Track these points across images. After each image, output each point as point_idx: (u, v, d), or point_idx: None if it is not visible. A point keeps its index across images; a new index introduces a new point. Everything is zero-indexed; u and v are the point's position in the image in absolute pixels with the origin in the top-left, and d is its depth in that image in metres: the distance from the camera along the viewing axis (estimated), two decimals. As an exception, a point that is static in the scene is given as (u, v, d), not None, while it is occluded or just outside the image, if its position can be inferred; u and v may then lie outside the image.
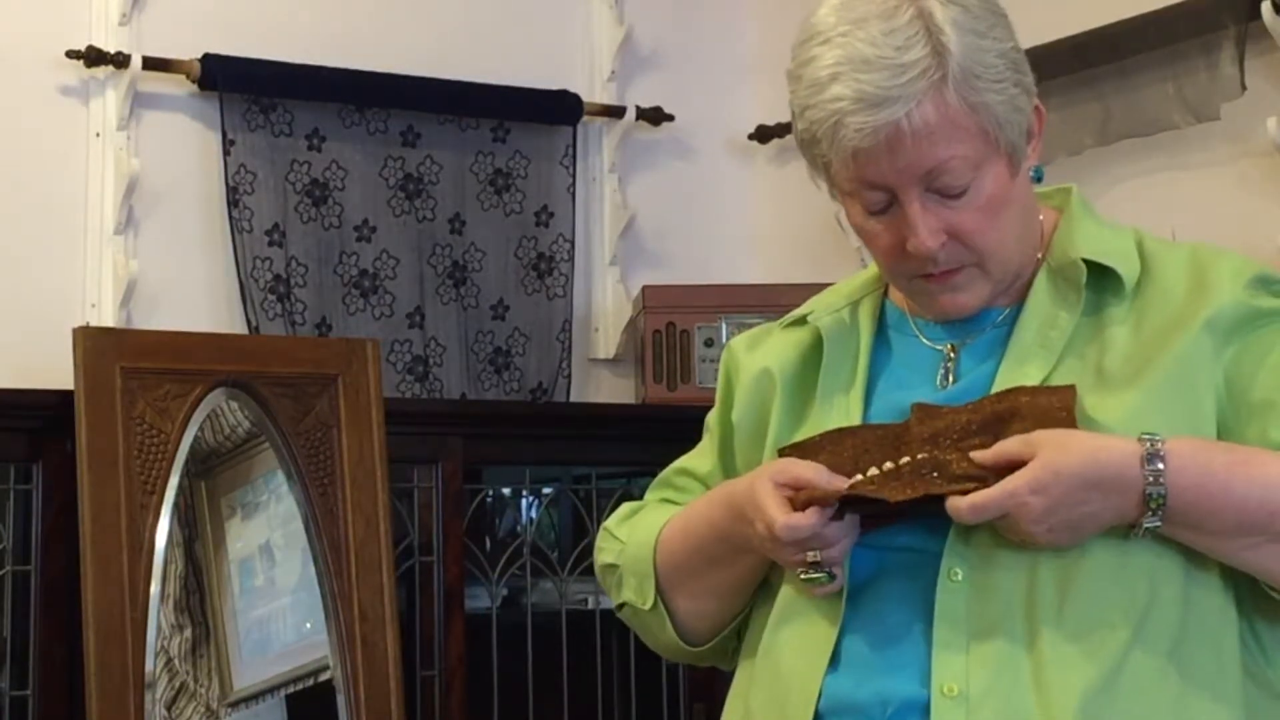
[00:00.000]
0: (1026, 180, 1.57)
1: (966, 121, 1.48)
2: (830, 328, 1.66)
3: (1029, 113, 1.54)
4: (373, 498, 3.15)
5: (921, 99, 1.46)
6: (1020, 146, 1.53)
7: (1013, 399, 1.49)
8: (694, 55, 4.09)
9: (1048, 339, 1.53)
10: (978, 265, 1.55)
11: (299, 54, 3.59)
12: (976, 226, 1.52)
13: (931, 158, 1.49)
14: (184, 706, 3.07)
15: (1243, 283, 1.52)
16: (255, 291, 3.52)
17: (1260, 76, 3.01)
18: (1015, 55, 1.53)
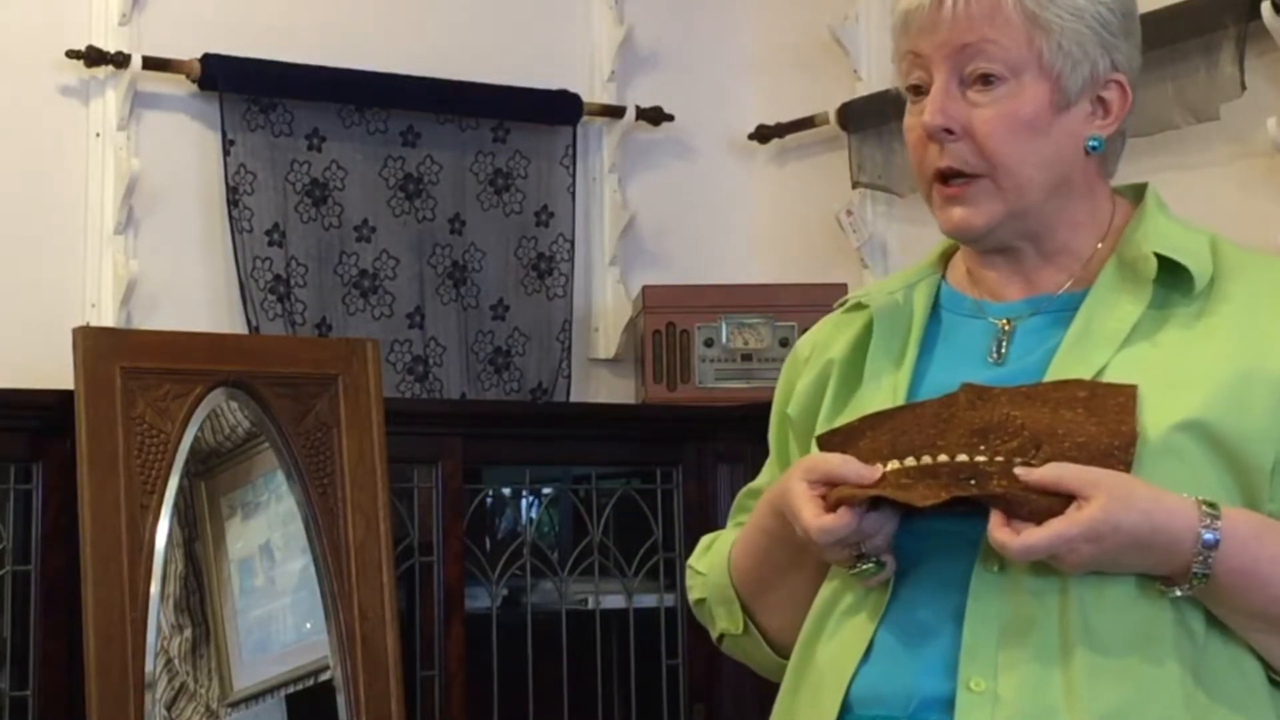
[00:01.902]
0: (1074, 137, 1.56)
1: (1017, 22, 1.51)
2: (882, 308, 1.66)
3: (1100, 69, 1.55)
4: (373, 498, 3.15)
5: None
6: (1071, 87, 1.54)
7: (1070, 390, 1.46)
8: (694, 55, 4.09)
9: (1110, 328, 1.51)
10: (990, 177, 1.54)
11: (299, 54, 3.59)
12: (993, 130, 1.53)
13: (969, 32, 1.52)
14: (184, 707, 3.06)
15: None
16: (255, 291, 3.52)
17: (1260, 76, 3.01)
18: (1108, 15, 1.54)
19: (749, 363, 3.67)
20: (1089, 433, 1.43)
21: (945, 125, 1.53)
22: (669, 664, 3.53)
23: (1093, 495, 1.39)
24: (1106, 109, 1.57)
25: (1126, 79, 1.57)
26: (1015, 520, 1.40)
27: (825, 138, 3.89)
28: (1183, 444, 1.44)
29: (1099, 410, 1.44)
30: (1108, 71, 1.55)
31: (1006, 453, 1.44)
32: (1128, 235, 1.58)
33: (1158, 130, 3.16)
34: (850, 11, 3.85)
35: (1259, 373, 1.46)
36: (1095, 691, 1.39)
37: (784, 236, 4.05)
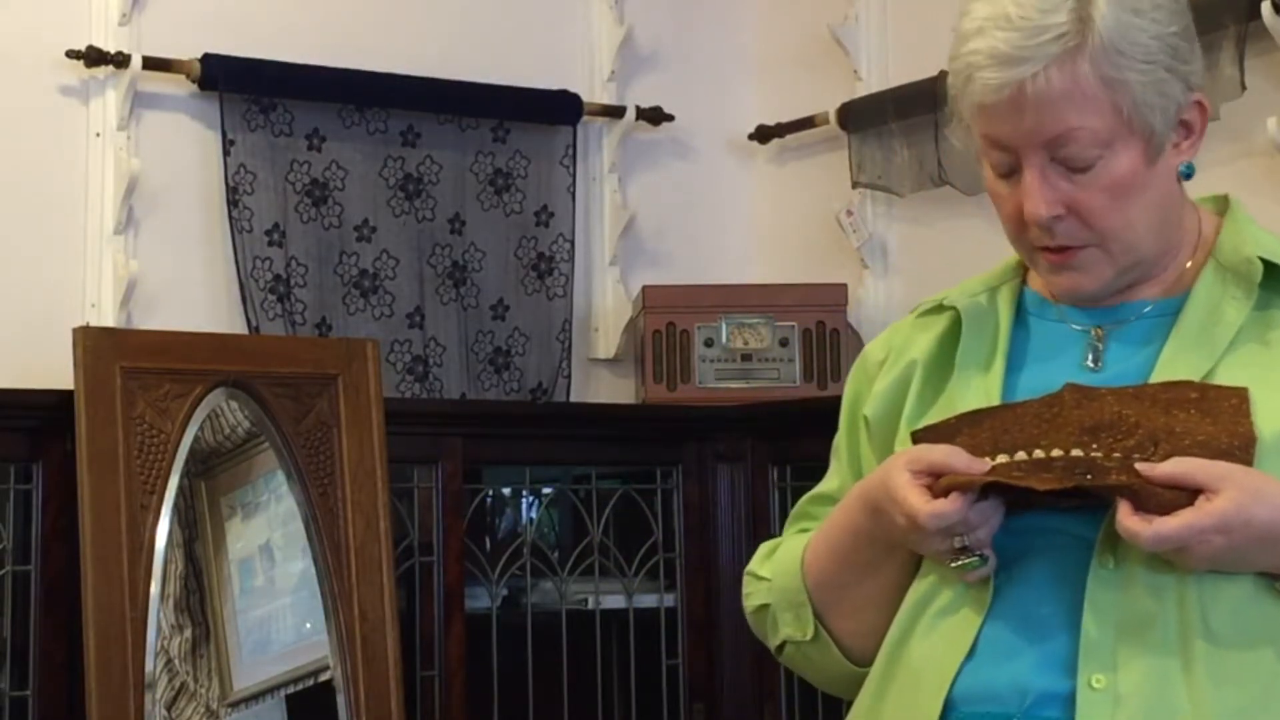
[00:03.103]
0: (1169, 172, 1.53)
1: (1098, 95, 1.46)
2: (968, 309, 1.63)
3: (1181, 101, 1.50)
4: (373, 498, 3.15)
5: (1051, 63, 1.45)
6: (1162, 133, 1.49)
7: (1181, 391, 1.45)
8: (694, 55, 4.09)
9: (1213, 333, 1.49)
10: (1099, 246, 1.52)
11: (299, 54, 3.59)
12: (1099, 206, 1.50)
13: (1057, 124, 1.47)
14: (184, 707, 3.06)
15: None
16: (255, 291, 3.52)
17: (1260, 76, 3.01)
18: (1175, 41, 1.48)
19: (749, 363, 3.67)
20: (1207, 431, 1.41)
21: (1055, 215, 1.50)
22: (669, 664, 3.53)
23: (1222, 489, 1.37)
24: (1190, 130, 1.53)
25: (1202, 93, 1.53)
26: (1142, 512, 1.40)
27: (825, 138, 3.89)
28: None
29: (1212, 411, 1.42)
30: (1186, 97, 1.51)
31: (1124, 450, 1.42)
32: (1223, 241, 1.56)
33: (1158, 130, 3.16)
34: (850, 11, 3.84)
35: None
36: (1219, 692, 1.38)
37: (784, 236, 4.05)
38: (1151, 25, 1.47)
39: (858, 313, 3.76)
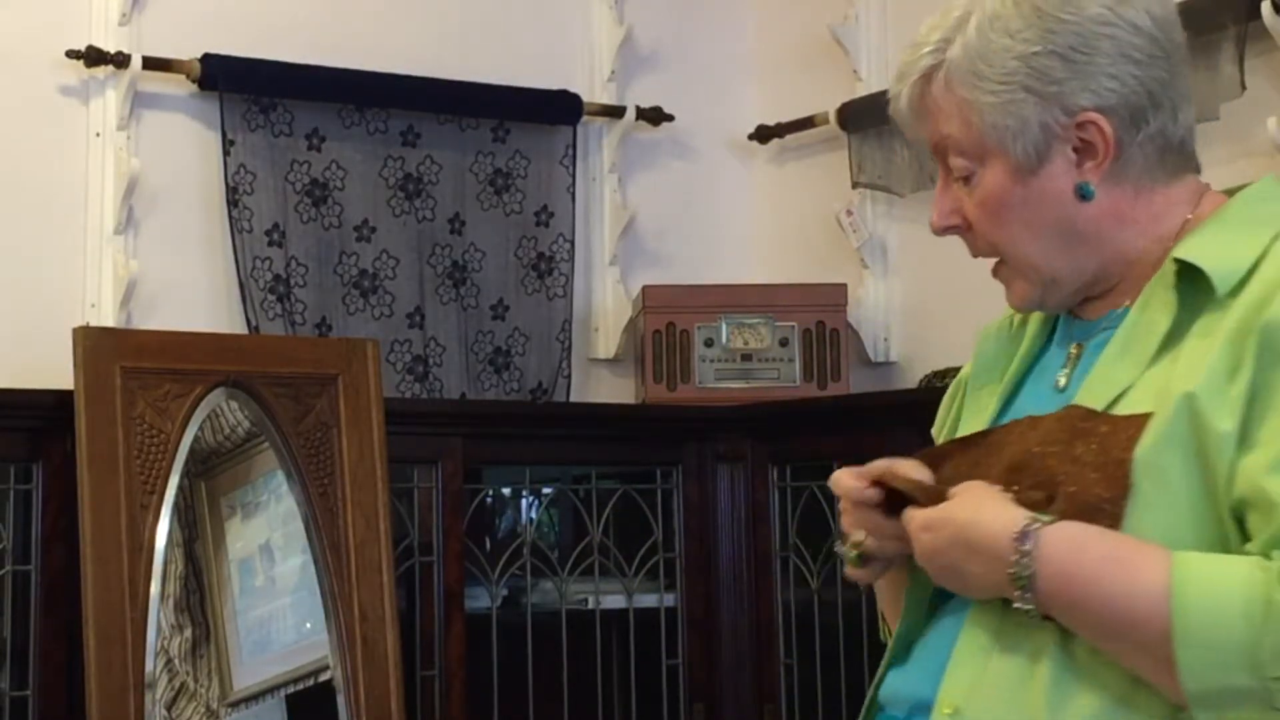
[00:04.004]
0: (1058, 193, 1.50)
1: (951, 110, 1.51)
2: (999, 327, 1.67)
3: (1048, 122, 1.48)
4: (373, 498, 3.15)
5: (918, 78, 1.52)
6: (1024, 152, 1.48)
7: (1094, 424, 1.44)
8: (694, 55, 4.09)
9: (1138, 343, 1.47)
10: (1005, 262, 1.55)
11: (299, 54, 3.59)
12: (979, 220, 1.53)
13: (930, 132, 1.53)
14: (184, 707, 3.06)
15: None
16: (255, 291, 3.52)
17: (1260, 76, 3.01)
18: (1044, 63, 1.47)
19: (749, 363, 3.67)
20: (1087, 481, 1.40)
21: (946, 225, 1.55)
22: (669, 664, 3.53)
23: (955, 494, 1.45)
24: (1093, 149, 1.49)
25: (1104, 111, 1.48)
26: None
27: (825, 138, 3.89)
28: (1160, 464, 1.39)
29: (1108, 447, 1.41)
30: (1068, 118, 1.48)
31: (1027, 501, 1.43)
32: (1178, 244, 1.51)
33: (1158, 130, 3.16)
34: (850, 11, 3.84)
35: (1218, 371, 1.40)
36: (1059, 712, 1.38)
37: (784, 236, 4.05)
38: (1018, 46, 1.47)
39: (858, 313, 3.76)
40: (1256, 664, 1.28)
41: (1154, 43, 1.52)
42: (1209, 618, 1.30)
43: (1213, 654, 1.29)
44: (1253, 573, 1.30)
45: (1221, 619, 1.29)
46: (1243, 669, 1.28)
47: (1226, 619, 1.29)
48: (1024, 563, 1.37)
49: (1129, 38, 1.49)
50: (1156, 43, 1.52)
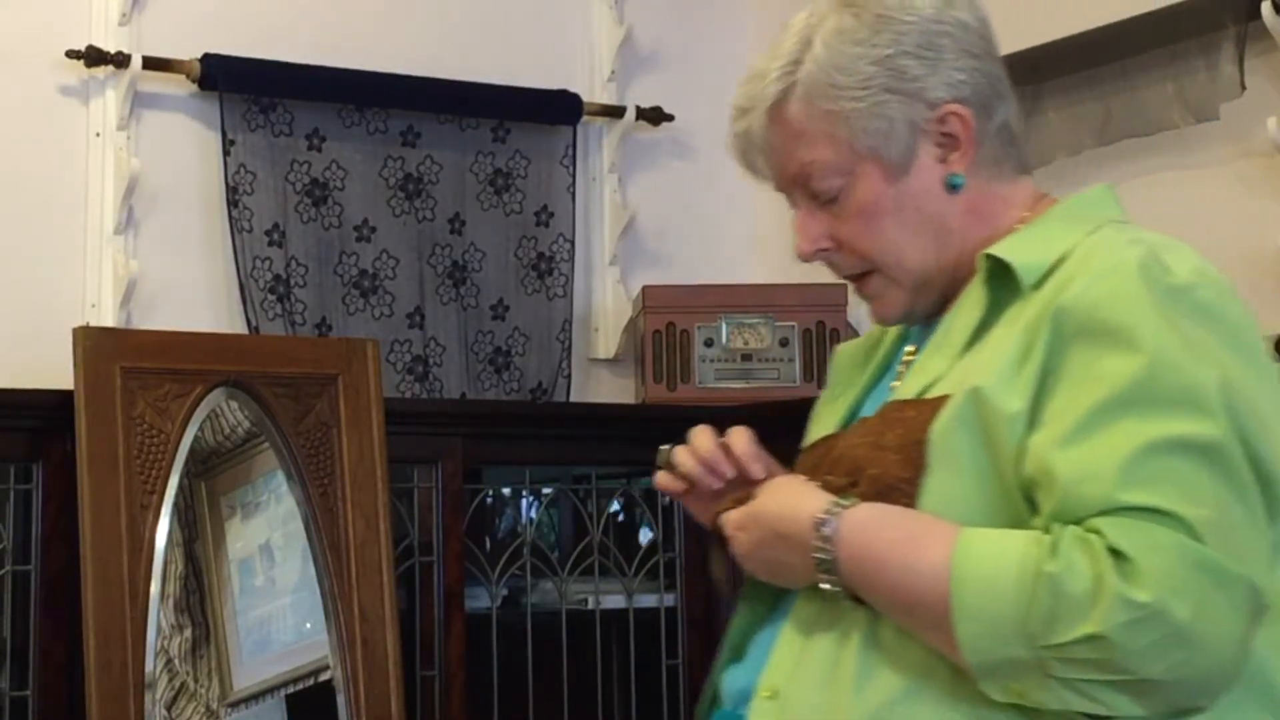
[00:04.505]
0: (928, 188, 1.54)
1: (815, 129, 1.52)
2: (863, 343, 1.71)
3: (914, 119, 1.52)
4: (373, 498, 3.15)
5: (769, 107, 1.53)
6: (896, 151, 1.52)
7: (902, 410, 1.48)
8: (694, 55, 4.09)
9: (952, 337, 1.51)
10: (879, 272, 1.57)
11: (299, 54, 3.59)
12: (855, 233, 1.55)
13: (791, 163, 1.55)
14: (184, 707, 3.06)
15: (1103, 282, 1.41)
16: (255, 291, 3.52)
17: (1260, 76, 3.01)
18: (901, 62, 1.51)
19: (749, 363, 3.67)
20: (888, 462, 1.44)
21: (816, 249, 1.59)
22: (669, 664, 3.53)
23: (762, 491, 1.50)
24: (955, 142, 1.53)
25: (961, 102, 1.52)
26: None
27: (825, 138, 3.89)
28: (950, 444, 1.42)
29: (912, 428, 1.45)
30: (931, 112, 1.52)
31: (832, 488, 1.48)
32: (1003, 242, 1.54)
33: (1157, 130, 3.16)
34: None
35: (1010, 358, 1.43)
36: (859, 698, 1.40)
37: (784, 236, 4.01)
38: (871, 51, 1.51)
39: (858, 313, 3.76)
40: (1029, 634, 1.30)
41: (983, 39, 1.57)
42: (984, 591, 1.32)
43: (988, 626, 1.32)
44: (1028, 546, 1.32)
45: (995, 591, 1.32)
46: (1017, 640, 1.30)
47: (1000, 591, 1.32)
48: (825, 547, 1.42)
49: (960, 33, 1.55)
50: (985, 39, 1.58)
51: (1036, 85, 3.36)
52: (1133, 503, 1.30)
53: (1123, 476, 1.31)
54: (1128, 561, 1.28)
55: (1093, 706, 1.31)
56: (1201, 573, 1.28)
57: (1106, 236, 1.48)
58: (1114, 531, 1.29)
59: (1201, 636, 1.27)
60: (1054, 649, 1.29)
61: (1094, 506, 1.31)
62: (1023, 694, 1.32)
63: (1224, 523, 1.30)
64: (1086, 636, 1.28)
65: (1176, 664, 1.27)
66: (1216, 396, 1.33)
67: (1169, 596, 1.27)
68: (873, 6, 1.53)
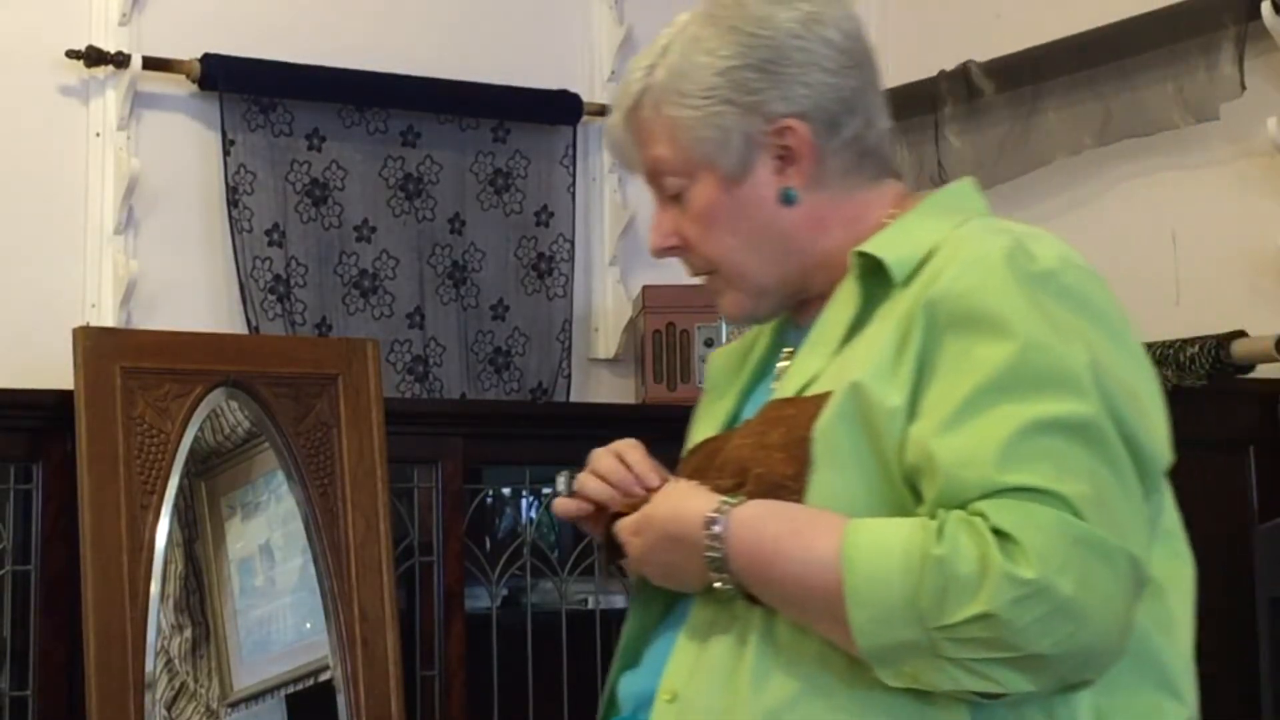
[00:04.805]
0: (763, 200, 1.57)
1: (659, 130, 1.57)
2: (737, 347, 1.75)
3: (749, 131, 1.55)
4: (373, 498, 3.15)
5: (627, 106, 1.60)
6: (730, 162, 1.55)
7: (782, 409, 1.51)
8: (694, 55, 4.08)
9: (827, 335, 1.53)
10: (718, 274, 1.60)
11: (299, 54, 3.59)
12: (694, 235, 1.59)
13: (642, 159, 1.60)
14: (184, 707, 3.06)
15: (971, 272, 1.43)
16: (255, 291, 3.52)
17: (1260, 76, 3.01)
18: (742, 75, 1.54)
19: (749, 363, 3.67)
20: (773, 461, 1.46)
21: (664, 246, 1.61)
22: (669, 664, 3.52)
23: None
24: (793, 155, 1.56)
25: (800, 117, 1.55)
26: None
27: (825, 138, 3.89)
28: (834, 439, 1.44)
29: (794, 427, 1.47)
30: (768, 126, 1.55)
31: (723, 490, 1.50)
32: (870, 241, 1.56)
33: (1157, 130, 3.17)
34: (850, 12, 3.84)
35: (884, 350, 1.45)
36: (757, 696, 1.42)
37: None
38: (717, 62, 1.55)
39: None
40: (919, 616, 1.32)
41: (845, 54, 1.59)
42: (874, 576, 1.34)
43: (880, 611, 1.34)
44: (914, 532, 1.34)
45: (885, 576, 1.34)
46: (907, 622, 1.32)
47: (889, 576, 1.34)
48: (715, 545, 1.43)
49: (820, 49, 1.57)
50: (847, 54, 1.60)
51: (1036, 85, 3.36)
52: (1012, 483, 1.33)
53: (1001, 459, 1.34)
54: (1011, 541, 1.30)
55: (985, 685, 1.33)
56: (1083, 547, 1.31)
57: (973, 229, 1.50)
58: (996, 513, 1.32)
59: (1086, 610, 1.30)
60: (945, 629, 1.31)
61: (975, 490, 1.34)
62: (916, 677, 1.35)
63: (1101, 498, 1.33)
64: (976, 615, 1.30)
65: (1063, 638, 1.30)
66: (1087, 376, 1.37)
67: (1053, 573, 1.29)
68: (731, 18, 1.57)
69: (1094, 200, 3.35)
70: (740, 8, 1.57)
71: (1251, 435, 2.89)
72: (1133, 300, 3.55)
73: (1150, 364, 1.47)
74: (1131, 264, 3.25)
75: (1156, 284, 3.19)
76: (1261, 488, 2.86)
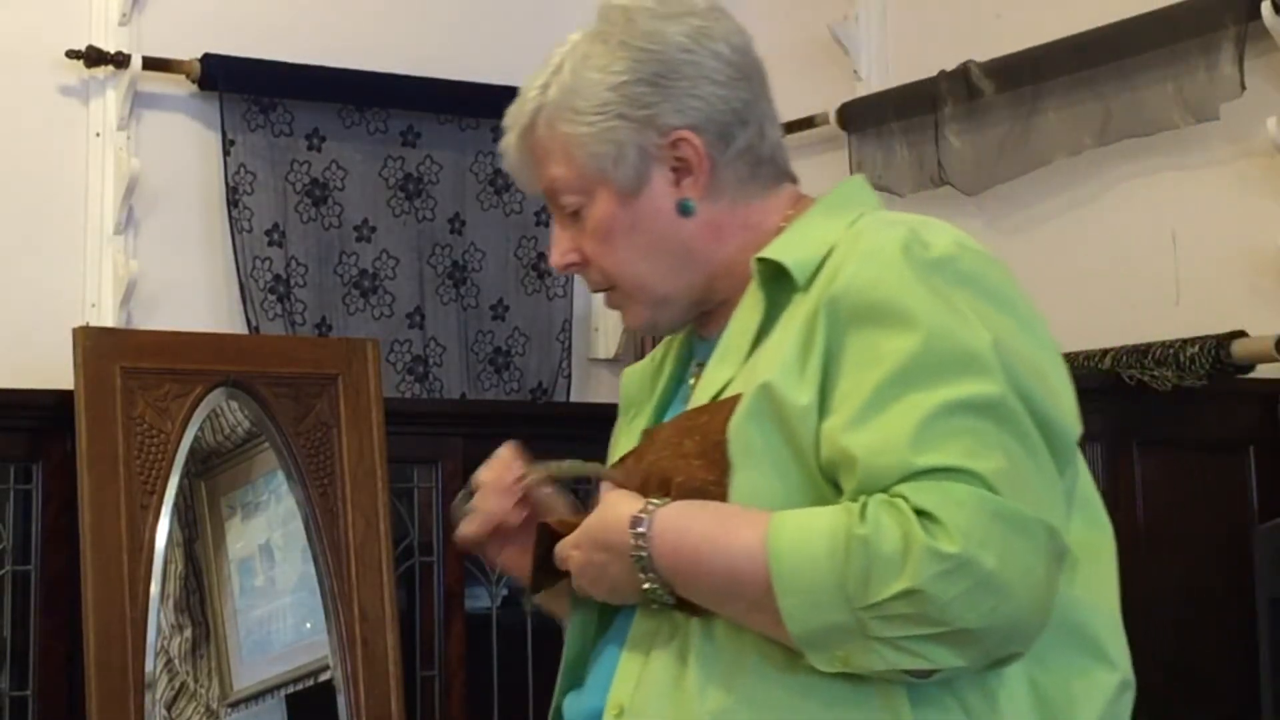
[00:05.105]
0: (660, 212, 1.58)
1: (555, 148, 1.59)
2: (648, 364, 1.75)
3: (643, 144, 1.56)
4: (373, 498, 3.15)
5: (521, 127, 1.63)
6: (625, 176, 1.56)
7: (696, 418, 1.52)
8: (694, 55, 4.09)
9: (736, 343, 1.54)
10: (617, 288, 1.62)
11: (299, 54, 3.59)
12: (594, 250, 1.60)
13: (539, 179, 1.61)
14: (184, 706, 3.07)
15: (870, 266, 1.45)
16: (255, 291, 3.52)
17: (1260, 76, 3.01)
18: (634, 90, 1.56)
19: (749, 363, 3.66)
20: (691, 469, 1.48)
21: (564, 263, 1.62)
22: (669, 664, 3.53)
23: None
24: (688, 167, 1.57)
25: (694, 129, 1.56)
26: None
27: (825, 138, 3.89)
28: (748, 440, 1.46)
29: (708, 433, 1.48)
30: (662, 138, 1.56)
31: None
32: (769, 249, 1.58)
33: (1157, 130, 3.16)
34: (850, 11, 3.84)
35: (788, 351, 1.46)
36: (704, 701, 1.43)
37: (784, 236, 4.04)
38: (609, 78, 1.57)
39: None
40: (846, 597, 1.33)
41: (734, 67, 1.61)
42: (801, 562, 1.36)
43: (809, 596, 1.35)
44: (837, 515, 1.36)
45: (811, 561, 1.36)
46: (836, 605, 1.34)
47: (815, 560, 1.35)
48: (641, 545, 1.45)
49: (710, 62, 1.59)
50: (736, 67, 1.61)
51: (1036, 85, 3.36)
52: (928, 465, 1.35)
53: (915, 443, 1.35)
54: (932, 519, 1.32)
55: (915, 662, 1.34)
56: (1001, 521, 1.33)
57: (867, 223, 1.52)
58: (915, 494, 1.34)
59: (1009, 582, 1.32)
60: (872, 608, 1.33)
61: (893, 475, 1.36)
62: (849, 660, 1.36)
63: (1015, 472, 1.35)
64: (901, 592, 1.32)
65: (987, 611, 1.32)
66: (992, 357, 1.38)
67: (975, 547, 1.31)
68: (620, 34, 1.59)
69: (1094, 200, 3.35)
70: (630, 24, 1.59)
71: (1251, 435, 2.89)
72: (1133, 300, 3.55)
73: (1052, 339, 1.48)
74: (1131, 264, 3.25)
75: (1156, 284, 3.19)
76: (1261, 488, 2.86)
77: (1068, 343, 3.01)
